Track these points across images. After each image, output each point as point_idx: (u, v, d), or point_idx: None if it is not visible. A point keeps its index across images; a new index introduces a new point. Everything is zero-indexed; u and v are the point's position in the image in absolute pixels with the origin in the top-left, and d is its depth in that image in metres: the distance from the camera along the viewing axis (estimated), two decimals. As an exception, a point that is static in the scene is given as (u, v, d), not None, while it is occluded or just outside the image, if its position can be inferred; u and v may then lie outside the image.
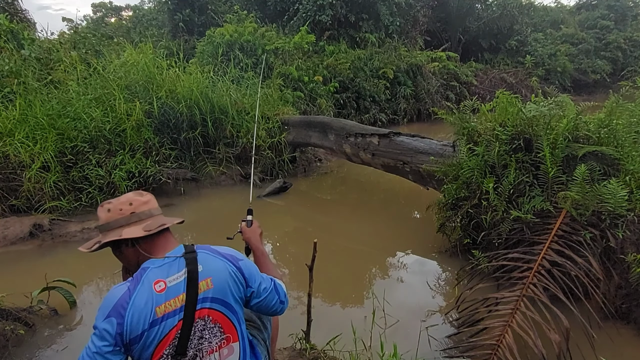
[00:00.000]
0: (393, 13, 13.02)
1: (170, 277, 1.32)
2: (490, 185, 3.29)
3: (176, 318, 1.29)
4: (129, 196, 1.43)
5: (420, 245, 4.23)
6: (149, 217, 1.41)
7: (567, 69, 16.23)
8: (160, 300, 1.28)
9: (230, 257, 1.43)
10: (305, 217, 5.55)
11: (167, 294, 1.29)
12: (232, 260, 1.42)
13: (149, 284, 1.29)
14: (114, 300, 1.27)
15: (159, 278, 1.31)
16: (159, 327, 1.27)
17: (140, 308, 1.25)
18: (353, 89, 10.54)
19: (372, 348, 2.48)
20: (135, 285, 1.29)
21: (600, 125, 3.19)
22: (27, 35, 7.95)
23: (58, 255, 4.21)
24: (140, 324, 1.24)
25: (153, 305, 1.27)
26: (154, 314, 1.26)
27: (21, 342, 2.77)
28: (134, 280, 1.31)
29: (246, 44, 9.33)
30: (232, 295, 1.38)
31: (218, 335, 1.36)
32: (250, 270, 1.45)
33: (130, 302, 1.25)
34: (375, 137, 5.24)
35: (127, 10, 22.31)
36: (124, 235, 1.35)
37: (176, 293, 1.30)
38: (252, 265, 1.49)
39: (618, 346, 2.59)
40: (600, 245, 2.84)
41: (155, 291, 1.28)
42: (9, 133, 5.16)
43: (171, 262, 1.36)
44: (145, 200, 1.43)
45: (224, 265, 1.39)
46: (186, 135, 6.22)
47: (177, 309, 1.30)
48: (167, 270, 1.33)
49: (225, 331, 1.38)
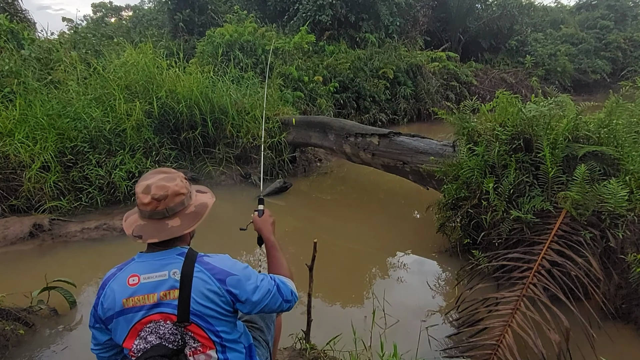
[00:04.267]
0: (393, 13, 13.01)
1: (146, 275, 1.35)
2: (490, 185, 3.29)
3: (143, 313, 1.33)
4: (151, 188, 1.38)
5: (420, 245, 4.23)
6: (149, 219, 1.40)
7: (567, 69, 16.21)
8: (128, 293, 1.33)
9: (219, 271, 1.38)
10: (305, 217, 5.55)
11: (136, 290, 1.33)
12: (220, 275, 1.37)
13: (125, 275, 1.36)
14: (103, 280, 1.40)
15: (135, 273, 1.35)
16: (125, 317, 1.33)
17: (112, 293, 1.34)
18: (353, 89, 10.53)
19: (372, 348, 2.48)
20: (118, 271, 1.39)
21: (600, 125, 3.19)
22: (27, 35, 7.96)
23: (58, 255, 4.21)
24: (111, 308, 1.34)
25: (121, 296, 1.33)
26: (120, 305, 1.33)
27: (21, 342, 2.77)
28: (124, 264, 1.41)
29: (246, 44, 9.32)
30: (208, 310, 1.34)
31: (191, 342, 1.36)
32: (241, 285, 1.39)
33: (108, 285, 1.37)
34: (375, 137, 5.24)
35: (127, 10, 22.31)
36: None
37: (145, 291, 1.33)
38: (244, 277, 1.41)
39: (618, 346, 2.60)
40: (600, 245, 2.84)
41: (128, 284, 1.34)
42: (9, 133, 5.15)
43: (155, 260, 1.37)
44: (147, 202, 1.38)
45: (207, 280, 1.35)
46: (186, 135, 6.22)
47: (144, 305, 1.33)
48: (148, 267, 1.36)
49: (199, 339, 1.36)
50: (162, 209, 1.37)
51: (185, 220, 1.41)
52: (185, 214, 1.42)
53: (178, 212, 1.41)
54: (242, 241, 4.42)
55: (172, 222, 1.39)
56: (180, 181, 1.42)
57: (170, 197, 1.38)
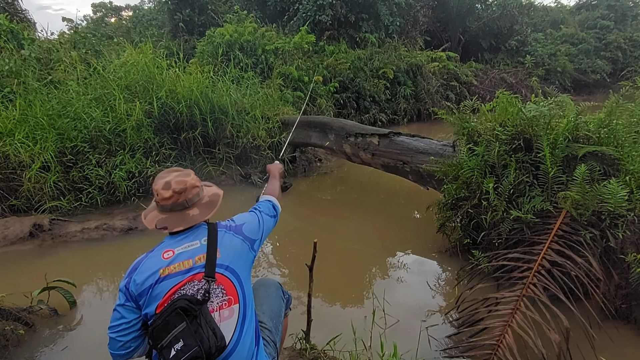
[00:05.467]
0: (393, 13, 13.00)
1: (179, 247, 1.53)
2: (490, 185, 3.29)
3: (178, 278, 1.48)
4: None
5: (420, 245, 4.23)
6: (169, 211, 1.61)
7: (567, 69, 16.21)
8: (165, 264, 1.49)
9: (234, 228, 1.67)
10: (305, 217, 5.55)
11: (173, 260, 1.50)
12: (236, 230, 1.66)
13: (159, 252, 1.53)
14: (132, 264, 1.54)
15: (169, 248, 1.53)
16: (161, 284, 1.47)
17: (146, 269, 1.49)
18: (353, 89, 10.53)
19: (372, 348, 2.48)
20: (149, 253, 1.55)
21: (600, 125, 3.19)
22: (27, 35, 7.96)
23: (58, 255, 4.21)
24: (146, 282, 1.47)
25: (158, 268, 1.48)
26: (157, 275, 1.47)
27: (21, 342, 2.77)
28: (153, 248, 1.57)
29: (246, 44, 9.32)
30: (236, 261, 1.57)
31: (220, 296, 1.50)
32: (251, 227, 1.72)
33: (140, 265, 1.51)
34: (375, 137, 5.24)
35: (127, 10, 22.31)
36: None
37: (182, 258, 1.51)
38: (251, 221, 1.75)
39: (618, 346, 2.60)
40: (600, 245, 2.84)
41: (163, 258, 1.51)
42: (9, 133, 5.15)
43: (185, 236, 1.57)
44: (168, 196, 1.58)
45: (230, 237, 1.61)
46: (186, 135, 6.21)
47: (180, 270, 1.49)
48: (180, 242, 1.55)
49: (228, 293, 1.51)
50: (183, 201, 1.57)
51: (203, 209, 1.63)
52: (202, 204, 1.64)
53: (196, 203, 1.62)
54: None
55: (192, 211, 1.60)
56: (194, 176, 1.64)
57: (189, 189, 1.59)
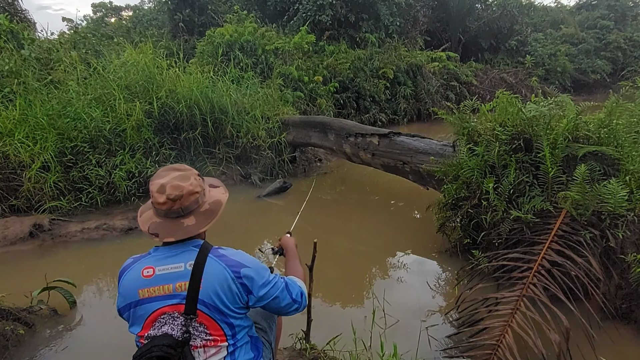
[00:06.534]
0: (393, 13, 13.00)
1: (161, 267, 1.37)
2: (490, 185, 3.29)
3: (159, 303, 1.35)
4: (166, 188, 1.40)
5: (420, 245, 4.23)
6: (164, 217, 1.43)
7: (567, 69, 16.21)
8: (143, 284, 1.36)
9: (234, 263, 1.40)
10: (305, 217, 5.51)
11: (151, 281, 1.36)
12: (235, 267, 1.39)
13: (140, 267, 1.39)
14: (120, 270, 1.44)
15: (150, 265, 1.38)
16: (143, 307, 1.36)
17: (127, 284, 1.39)
18: (353, 89, 10.53)
19: (372, 348, 2.48)
20: (135, 262, 1.42)
21: (600, 125, 3.19)
22: (27, 35, 7.94)
23: (58, 255, 4.21)
24: (127, 299, 1.38)
25: (137, 288, 1.36)
26: (136, 295, 1.36)
27: (21, 342, 2.76)
28: (140, 256, 1.44)
29: (246, 44, 9.32)
30: (221, 301, 1.36)
31: (202, 335, 1.36)
32: (254, 277, 1.41)
33: (123, 277, 1.41)
34: (375, 137, 5.24)
35: (127, 10, 22.29)
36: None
37: (162, 282, 1.36)
38: (258, 271, 1.44)
39: (618, 346, 2.60)
40: (600, 245, 2.84)
41: (142, 275, 1.37)
42: (9, 133, 5.15)
43: (170, 254, 1.40)
44: (162, 202, 1.40)
45: (221, 271, 1.37)
46: (186, 135, 6.21)
47: (160, 295, 1.35)
48: (164, 259, 1.39)
49: (212, 333, 1.37)
50: (177, 209, 1.39)
51: (200, 219, 1.43)
52: (200, 212, 1.44)
53: (193, 211, 1.43)
54: (241, 243, 4.43)
55: (188, 220, 1.41)
56: (194, 179, 1.43)
57: (185, 196, 1.39)
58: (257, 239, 4.69)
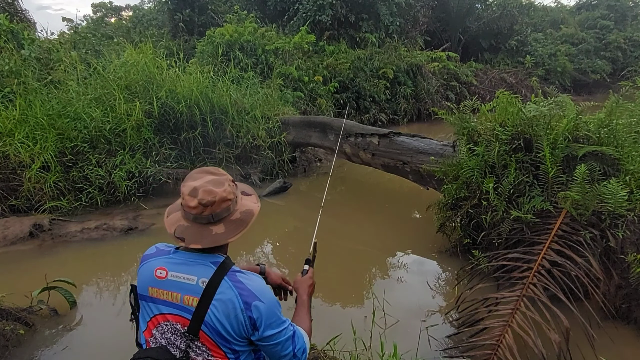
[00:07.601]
0: (393, 13, 13.01)
1: (174, 272, 1.34)
2: (490, 185, 3.29)
3: (165, 308, 1.33)
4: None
5: (420, 245, 4.23)
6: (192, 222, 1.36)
7: (567, 69, 16.22)
8: (154, 283, 1.35)
9: (248, 293, 1.31)
10: (305, 217, 5.55)
11: (162, 283, 1.34)
12: (248, 297, 1.30)
13: (155, 265, 1.37)
14: (143, 254, 1.43)
15: (164, 267, 1.35)
16: (150, 304, 1.35)
17: (142, 276, 1.38)
18: (353, 89, 10.54)
19: (372, 348, 2.48)
20: (154, 257, 1.40)
21: (600, 125, 3.19)
22: (27, 35, 7.94)
23: (58, 255, 4.21)
24: (141, 289, 1.37)
25: (148, 284, 1.36)
26: (147, 290, 1.36)
27: (21, 342, 2.77)
28: (161, 251, 1.42)
29: (246, 44, 9.33)
30: (225, 329, 1.30)
31: (204, 354, 1.32)
32: (263, 314, 1.31)
33: (143, 265, 1.40)
34: (375, 137, 5.24)
35: (127, 10, 22.29)
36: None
37: (171, 288, 1.33)
38: (270, 309, 1.33)
39: (618, 346, 2.59)
40: (600, 245, 2.84)
41: (155, 275, 1.35)
42: (9, 133, 5.15)
43: (187, 262, 1.35)
44: (193, 206, 1.33)
45: (231, 298, 1.29)
46: (186, 135, 6.21)
47: (167, 300, 1.33)
48: (179, 265, 1.35)
49: (214, 354, 1.32)
50: (208, 215, 1.32)
51: (230, 227, 1.35)
52: (231, 220, 1.36)
53: (223, 219, 1.35)
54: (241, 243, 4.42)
55: (217, 228, 1.34)
56: (228, 186, 1.35)
57: (218, 203, 1.32)
58: (257, 239, 4.69)
